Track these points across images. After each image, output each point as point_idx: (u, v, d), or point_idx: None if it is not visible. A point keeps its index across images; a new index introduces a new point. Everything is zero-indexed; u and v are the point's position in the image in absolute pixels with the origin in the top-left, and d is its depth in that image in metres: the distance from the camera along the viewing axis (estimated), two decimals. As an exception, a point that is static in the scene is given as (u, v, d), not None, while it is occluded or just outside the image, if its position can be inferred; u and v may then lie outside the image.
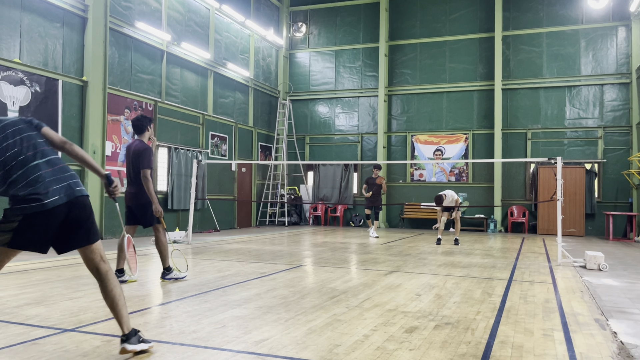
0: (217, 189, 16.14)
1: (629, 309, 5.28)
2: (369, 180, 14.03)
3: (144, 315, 4.57)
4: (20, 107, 10.06)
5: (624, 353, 3.71)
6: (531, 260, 9.26)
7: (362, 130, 19.38)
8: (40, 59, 10.63)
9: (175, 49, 14.34)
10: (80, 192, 3.28)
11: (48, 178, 3.18)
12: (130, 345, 3.35)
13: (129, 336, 3.36)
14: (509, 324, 4.45)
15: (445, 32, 18.47)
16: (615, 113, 16.43)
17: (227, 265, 7.83)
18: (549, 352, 3.68)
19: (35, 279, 6.28)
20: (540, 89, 17.24)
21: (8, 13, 10.01)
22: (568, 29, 17.00)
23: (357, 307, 5.01)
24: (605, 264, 8.15)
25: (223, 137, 16.51)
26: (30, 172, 3.17)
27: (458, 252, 10.45)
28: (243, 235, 14.24)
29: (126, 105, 12.63)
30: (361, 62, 19.50)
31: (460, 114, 18.19)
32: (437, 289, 6.15)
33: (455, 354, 3.56)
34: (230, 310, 4.78)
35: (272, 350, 3.60)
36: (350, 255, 9.54)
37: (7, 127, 3.27)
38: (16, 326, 4.11)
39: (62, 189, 3.20)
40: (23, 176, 3.16)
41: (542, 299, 5.60)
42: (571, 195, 15.79)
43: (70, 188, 3.24)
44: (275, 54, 19.98)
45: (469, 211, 17.93)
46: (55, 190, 3.17)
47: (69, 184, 3.25)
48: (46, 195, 3.12)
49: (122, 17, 12.51)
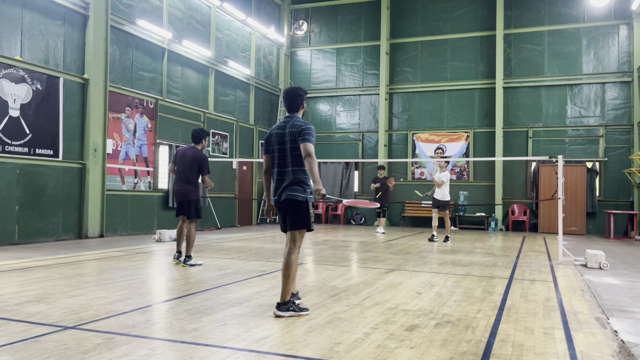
0: (218, 187, 16.14)
1: (629, 307, 5.28)
2: (376, 180, 14.56)
3: (145, 312, 4.58)
4: (21, 104, 10.07)
5: (624, 352, 3.71)
6: (532, 258, 9.26)
7: (363, 129, 19.37)
8: (41, 56, 10.63)
9: (176, 46, 14.33)
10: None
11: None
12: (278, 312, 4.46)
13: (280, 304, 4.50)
14: (509, 323, 4.45)
15: (446, 30, 18.45)
16: (616, 111, 16.41)
17: (228, 263, 7.84)
18: (550, 350, 3.68)
19: (36, 277, 6.29)
20: (541, 88, 17.21)
21: (9, 11, 10.00)
22: (570, 28, 16.97)
23: (357, 305, 5.01)
24: (606, 263, 8.15)
25: (224, 135, 16.51)
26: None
27: (459, 250, 10.45)
28: (244, 233, 14.24)
29: (127, 103, 12.63)
30: (362, 60, 19.48)
31: (461, 112, 18.18)
32: (438, 287, 6.15)
33: (456, 352, 3.56)
34: (231, 308, 4.78)
35: (273, 348, 3.60)
36: (351, 254, 9.54)
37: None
38: (17, 324, 4.11)
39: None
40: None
41: (543, 298, 5.60)
42: (572, 193, 15.78)
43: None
44: (277, 52, 19.97)
45: (470, 209, 17.93)
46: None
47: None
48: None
49: (123, 14, 12.51)
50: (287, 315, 4.46)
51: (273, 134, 4.67)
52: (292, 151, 4.52)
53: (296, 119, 4.64)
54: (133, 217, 12.75)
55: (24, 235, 10.13)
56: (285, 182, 4.55)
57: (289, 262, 4.55)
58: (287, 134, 4.55)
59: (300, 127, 4.49)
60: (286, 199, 4.54)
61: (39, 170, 10.45)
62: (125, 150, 12.57)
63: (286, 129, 4.58)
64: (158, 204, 13.57)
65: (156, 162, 13.61)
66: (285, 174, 4.57)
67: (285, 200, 4.55)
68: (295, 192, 4.52)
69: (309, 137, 4.46)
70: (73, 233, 11.23)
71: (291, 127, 4.54)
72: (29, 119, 10.22)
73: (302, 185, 4.54)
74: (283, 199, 4.56)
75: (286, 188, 4.55)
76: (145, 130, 13.23)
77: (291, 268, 4.54)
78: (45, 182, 10.57)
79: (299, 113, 4.77)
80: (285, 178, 4.56)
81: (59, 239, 10.87)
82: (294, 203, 4.54)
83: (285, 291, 4.52)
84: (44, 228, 10.54)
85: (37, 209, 10.38)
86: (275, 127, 4.69)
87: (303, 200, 4.54)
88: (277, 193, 4.62)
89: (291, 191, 4.53)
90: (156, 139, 13.57)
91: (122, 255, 8.65)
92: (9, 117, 9.85)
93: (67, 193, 11.06)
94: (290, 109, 4.76)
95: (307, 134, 4.47)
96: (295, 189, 4.53)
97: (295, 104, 4.73)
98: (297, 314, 4.51)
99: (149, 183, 13.37)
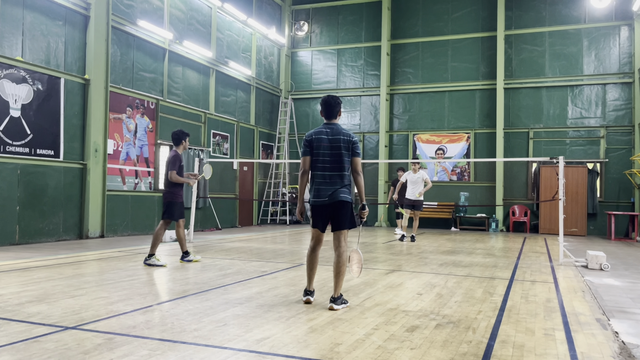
0: (218, 187, 16.15)
1: (630, 308, 5.28)
2: (395, 183, 14.53)
3: (145, 313, 4.58)
4: (22, 105, 10.08)
5: (625, 353, 3.71)
6: (533, 259, 9.25)
7: (364, 129, 19.37)
8: (42, 57, 10.64)
9: (177, 47, 14.34)
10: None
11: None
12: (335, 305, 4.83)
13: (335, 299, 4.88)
14: (510, 324, 4.45)
15: (447, 31, 18.44)
16: (617, 113, 16.40)
17: (228, 264, 7.84)
18: (550, 351, 3.67)
19: (37, 277, 6.29)
20: (542, 88, 17.21)
21: (11, 11, 10.02)
22: (571, 28, 16.96)
23: (358, 306, 5.01)
24: (607, 264, 8.14)
25: (225, 135, 16.52)
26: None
27: (459, 251, 10.44)
28: (244, 233, 14.25)
29: (128, 103, 12.64)
30: (363, 61, 19.48)
31: (462, 113, 18.17)
32: (439, 288, 6.14)
33: (457, 353, 3.56)
34: (232, 309, 4.78)
35: (273, 348, 3.60)
36: (352, 254, 9.50)
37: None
38: (18, 324, 4.12)
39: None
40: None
41: (544, 299, 5.60)
42: (573, 194, 15.77)
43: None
44: (277, 53, 19.97)
45: (470, 210, 17.92)
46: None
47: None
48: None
49: (124, 15, 12.52)
50: (341, 307, 4.86)
51: (318, 139, 4.96)
52: (345, 157, 4.93)
53: (341, 127, 5.06)
54: (134, 218, 12.75)
55: (25, 236, 10.14)
56: (338, 185, 4.93)
57: (344, 260, 4.95)
58: (341, 140, 4.92)
59: (352, 138, 4.98)
60: (340, 200, 4.93)
61: (40, 170, 10.46)
62: (126, 150, 12.58)
63: (339, 135, 4.93)
64: (159, 205, 13.58)
65: (157, 162, 13.61)
66: (336, 177, 4.94)
67: (339, 201, 4.93)
68: (347, 195, 4.97)
69: (360, 151, 5.06)
70: (74, 233, 11.24)
71: (341, 134, 4.95)
72: (29, 119, 10.23)
73: (349, 189, 5.04)
74: (337, 200, 4.92)
75: (339, 190, 4.93)
76: (146, 131, 13.24)
77: (343, 266, 4.93)
78: (46, 182, 10.58)
79: (337, 120, 5.13)
80: (338, 181, 4.93)
81: (60, 239, 10.87)
82: (346, 204, 4.97)
83: (338, 287, 4.91)
84: (44, 228, 10.54)
85: (37, 209, 10.39)
86: (323, 133, 4.98)
87: (351, 202, 5.04)
88: (328, 195, 4.92)
89: (343, 193, 4.94)
90: (157, 140, 13.57)
91: (122, 255, 8.65)
92: (10, 117, 9.86)
93: (67, 193, 11.07)
94: (329, 116, 5.10)
95: (359, 147, 5.04)
96: (346, 191, 4.97)
97: (335, 111, 5.08)
98: (347, 305, 4.97)
99: (150, 183, 13.38)
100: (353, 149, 4.94)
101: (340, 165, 4.90)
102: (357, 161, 4.96)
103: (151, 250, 7.49)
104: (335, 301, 4.87)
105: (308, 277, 5.15)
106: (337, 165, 4.90)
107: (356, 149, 4.96)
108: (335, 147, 4.90)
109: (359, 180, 4.94)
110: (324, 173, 4.91)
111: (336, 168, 4.90)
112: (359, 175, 4.94)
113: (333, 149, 4.90)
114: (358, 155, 4.98)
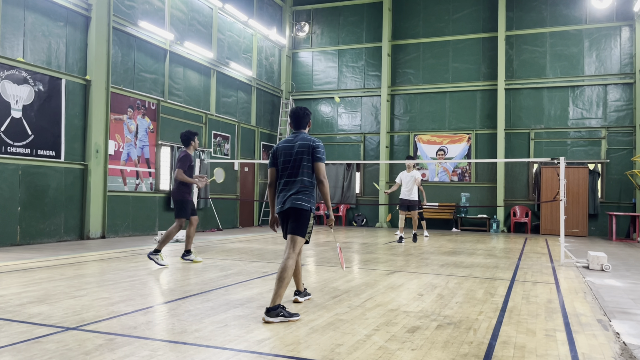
0: (219, 188, 16.15)
1: (631, 309, 5.27)
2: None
3: (146, 313, 4.58)
4: (23, 106, 10.09)
5: (626, 354, 3.70)
6: (534, 260, 9.24)
7: (364, 130, 19.37)
8: (43, 58, 10.66)
9: (178, 48, 14.35)
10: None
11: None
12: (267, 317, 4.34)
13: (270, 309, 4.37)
14: (511, 324, 4.44)
15: (448, 31, 18.44)
16: (618, 113, 16.38)
17: (229, 265, 7.84)
18: (551, 352, 3.67)
19: (38, 277, 6.30)
20: (543, 89, 17.20)
21: (12, 12, 10.03)
22: (571, 29, 16.95)
23: (359, 307, 5.01)
24: (608, 265, 8.14)
25: (226, 136, 16.53)
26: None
27: (460, 252, 10.43)
28: (245, 234, 14.25)
29: (129, 104, 12.65)
30: (364, 61, 19.49)
31: (463, 114, 18.16)
32: (440, 289, 6.14)
33: (458, 354, 3.56)
34: (233, 309, 4.78)
35: (274, 349, 3.60)
36: (353, 255, 9.54)
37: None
38: (19, 324, 4.12)
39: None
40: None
41: (545, 300, 5.59)
42: (574, 195, 15.75)
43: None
44: (278, 54, 19.98)
45: (471, 211, 17.91)
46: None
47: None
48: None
49: (125, 16, 12.53)
50: (277, 321, 4.33)
51: (280, 147, 4.86)
52: (301, 162, 4.71)
53: (305, 134, 4.90)
54: (135, 218, 12.76)
55: (26, 236, 10.15)
56: (292, 190, 4.69)
57: (285, 266, 4.54)
58: (296, 146, 4.76)
59: (313, 142, 4.75)
60: (291, 207, 4.66)
61: (41, 171, 10.47)
62: (127, 151, 12.59)
63: (295, 142, 4.79)
64: (160, 205, 13.59)
65: (158, 163, 13.62)
66: (292, 183, 4.72)
67: (290, 208, 4.67)
68: (301, 201, 4.66)
69: (322, 156, 4.76)
70: (75, 234, 11.25)
71: (301, 140, 4.79)
72: (31, 120, 10.24)
73: (307, 195, 4.71)
74: (288, 206, 4.67)
75: (292, 196, 4.68)
76: (147, 132, 13.25)
77: (286, 272, 4.51)
78: (47, 183, 10.59)
79: (305, 130, 5.01)
80: (293, 187, 4.70)
81: (61, 240, 10.88)
82: (297, 211, 4.67)
83: (277, 295, 4.43)
84: (45, 229, 10.55)
85: (39, 210, 10.40)
86: (283, 142, 4.89)
87: (307, 209, 4.69)
88: (283, 201, 4.72)
89: (297, 200, 4.66)
90: (158, 140, 13.58)
91: (123, 256, 8.65)
92: (11, 118, 9.87)
93: (69, 194, 11.08)
94: (298, 126, 5.00)
95: (321, 152, 4.75)
96: (301, 197, 4.67)
97: (303, 122, 4.99)
98: (287, 319, 4.38)
99: (151, 184, 13.38)
100: (314, 153, 4.70)
101: (297, 170, 4.69)
102: (318, 166, 4.70)
103: (159, 246, 7.46)
104: (269, 312, 4.36)
105: (295, 282, 5.26)
106: (293, 171, 4.71)
107: (317, 153, 4.70)
108: (295, 152, 4.73)
109: (322, 187, 4.69)
110: (282, 180, 4.79)
111: (292, 174, 4.71)
112: (322, 182, 4.70)
113: (292, 154, 4.74)
114: (320, 160, 4.71)
